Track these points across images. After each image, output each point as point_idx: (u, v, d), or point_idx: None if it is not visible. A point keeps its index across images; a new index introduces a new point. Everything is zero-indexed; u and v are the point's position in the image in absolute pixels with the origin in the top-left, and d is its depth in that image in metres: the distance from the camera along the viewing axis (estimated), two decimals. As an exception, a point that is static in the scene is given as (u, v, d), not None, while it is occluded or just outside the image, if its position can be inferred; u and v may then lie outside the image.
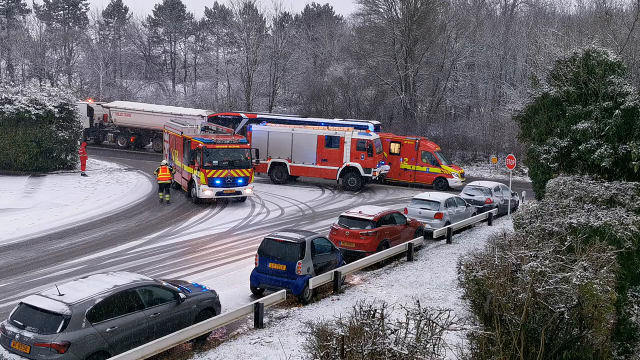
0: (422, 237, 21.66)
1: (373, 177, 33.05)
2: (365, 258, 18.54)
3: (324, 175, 33.67)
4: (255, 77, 56.05)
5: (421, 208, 23.61)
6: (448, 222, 23.40)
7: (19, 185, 30.36)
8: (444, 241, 22.67)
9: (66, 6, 73.30)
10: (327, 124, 35.58)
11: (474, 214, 25.87)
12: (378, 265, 19.13)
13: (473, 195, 27.54)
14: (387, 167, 34.24)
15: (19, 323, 10.91)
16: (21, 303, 11.35)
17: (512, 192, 29.13)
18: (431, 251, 21.47)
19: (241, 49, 61.14)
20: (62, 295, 11.19)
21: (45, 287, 12.88)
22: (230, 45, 70.74)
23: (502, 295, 9.22)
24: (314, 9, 78.93)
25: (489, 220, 26.19)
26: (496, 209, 27.26)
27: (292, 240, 16.06)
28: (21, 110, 32.74)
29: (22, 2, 68.93)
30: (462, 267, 10.18)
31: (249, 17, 58.67)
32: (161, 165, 28.61)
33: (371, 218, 19.71)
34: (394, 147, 35.73)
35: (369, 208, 21.34)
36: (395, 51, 49.26)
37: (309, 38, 68.44)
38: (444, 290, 16.95)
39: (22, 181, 31.54)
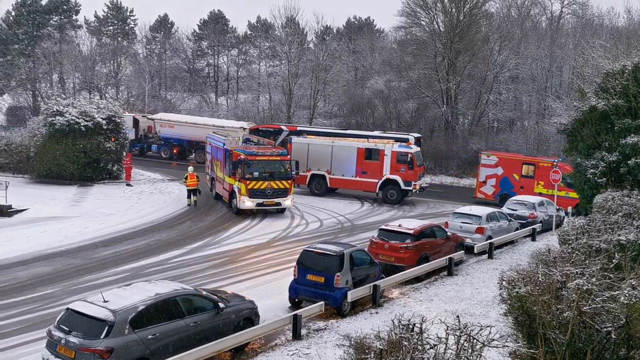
0: (462, 251, 21.32)
1: (413, 190, 32.78)
2: (405, 272, 18.36)
3: (363, 187, 33.58)
4: (296, 89, 56.53)
5: (462, 222, 23.26)
6: (490, 237, 22.97)
7: (67, 194, 31.32)
8: (485, 256, 22.25)
9: (116, 22, 75.62)
10: (367, 137, 35.53)
11: (517, 229, 25.33)
12: (417, 279, 18.92)
13: (516, 210, 26.99)
14: (428, 179, 33.88)
15: (65, 328, 11.21)
16: (67, 309, 11.66)
17: (557, 208, 28.42)
18: (472, 266, 21.10)
19: (283, 62, 61.83)
20: (107, 302, 11.45)
21: (91, 294, 13.21)
22: (272, 58, 71.61)
23: (546, 313, 8.99)
24: (356, 22, 79.24)
25: (533, 236, 25.60)
26: (540, 224, 26.62)
27: (330, 253, 16.04)
28: (71, 122, 33.84)
29: (74, 18, 71.42)
30: (504, 283, 9.98)
31: (291, 30, 59.33)
32: (189, 173, 29.74)
33: (411, 231, 19.53)
34: (527, 169, 33.03)
35: (408, 221, 21.16)
36: (436, 64, 48.96)
37: (350, 51, 68.69)
38: (485, 306, 16.62)
39: (71, 190, 32.52)
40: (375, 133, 38.06)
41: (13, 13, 65.78)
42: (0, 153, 37.97)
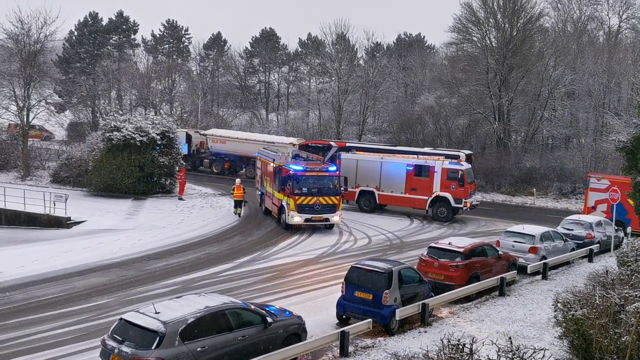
0: (515, 271, 20.76)
1: (464, 208, 32.24)
2: (455, 291, 18.01)
3: (412, 204, 33.26)
4: (346, 106, 56.77)
5: (514, 241, 22.70)
6: (544, 257, 22.30)
7: (122, 207, 32.28)
8: (539, 277, 21.61)
9: (171, 40, 78.06)
10: (416, 153, 35.26)
11: (573, 249, 24.51)
12: (468, 298, 18.52)
13: (572, 230, 26.12)
14: (479, 197, 33.28)
15: (118, 338, 11.49)
16: (121, 319, 11.96)
17: (616, 228, 27.36)
18: (525, 287, 20.51)
19: (333, 78, 62.25)
20: (158, 313, 11.69)
21: (143, 305, 13.52)
22: (322, 75, 72.24)
23: (603, 337, 8.65)
24: (406, 38, 79.17)
25: (590, 257, 24.70)
26: (598, 245, 25.67)
27: (379, 270, 15.92)
28: (127, 137, 34.97)
29: (132, 37, 74.11)
30: (559, 305, 9.67)
31: (341, 47, 59.76)
32: (236, 185, 31.08)
33: (461, 250, 19.18)
34: None
35: (459, 239, 20.80)
36: (488, 80, 48.29)
37: (400, 67, 68.58)
38: (539, 328, 16.10)
39: (126, 203, 33.51)
40: (425, 149, 37.72)
41: (76, 33, 68.77)
42: (61, 167, 39.65)
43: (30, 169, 41.23)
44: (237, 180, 31.78)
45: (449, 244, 19.75)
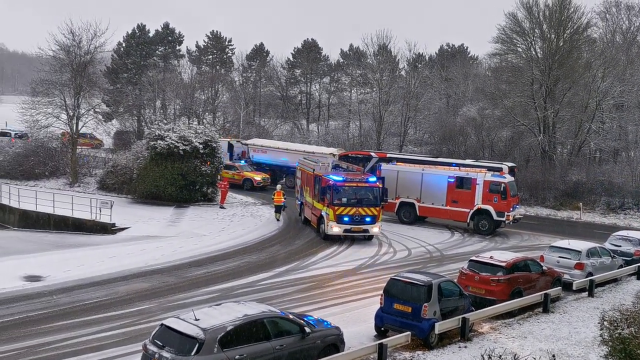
0: (559, 287, 20.20)
1: (506, 222, 31.61)
2: (496, 306, 17.64)
3: (453, 217, 32.80)
4: (387, 116, 56.56)
5: (559, 257, 22.10)
6: (590, 274, 21.63)
7: (165, 215, 32.88)
8: (585, 294, 20.96)
9: (215, 51, 79.44)
10: (458, 165, 34.80)
11: (621, 266, 23.69)
12: (510, 314, 18.10)
13: (620, 246, 25.27)
14: (522, 211, 32.58)
15: (159, 343, 11.67)
16: (162, 324, 12.15)
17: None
18: (570, 304, 19.93)
19: (374, 89, 62.20)
20: (198, 320, 11.82)
21: (183, 311, 13.70)
22: (364, 85, 72.26)
23: (653, 359, 8.32)
24: (448, 49, 78.55)
25: (639, 274, 23.84)
26: (647, 262, 24.75)
27: (418, 282, 15.74)
28: (171, 145, 35.66)
29: (177, 48, 75.77)
30: (605, 323, 9.36)
31: (383, 58, 59.68)
32: (276, 190, 32.38)
33: (503, 264, 18.79)
34: None
35: (501, 253, 20.38)
36: (533, 91, 47.37)
37: (442, 78, 68.01)
38: (584, 347, 15.59)
39: (169, 211, 34.12)
40: (467, 161, 37.19)
41: (124, 44, 70.75)
42: (108, 174, 40.69)
43: (78, 175, 42.44)
44: (278, 186, 32.70)
45: (491, 257, 19.38)
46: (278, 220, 32.27)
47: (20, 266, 21.59)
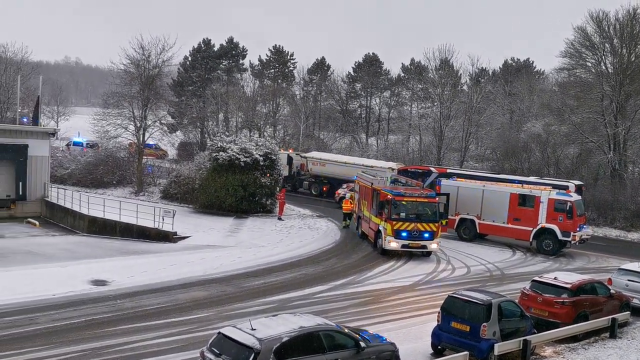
0: (628, 312, 19.24)
1: (572, 242, 30.43)
2: (560, 329, 16.96)
3: (515, 235, 31.88)
4: (448, 131, 55.78)
5: (629, 280, 21.04)
6: (662, 299, 20.49)
7: (225, 225, 33.51)
8: (656, 320, 19.87)
9: (277, 65, 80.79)
10: (521, 182, 33.86)
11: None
12: (574, 338, 17.36)
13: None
14: (590, 231, 31.29)
15: (216, 351, 11.85)
16: (219, 333, 12.34)
17: None
18: (639, 329, 18.93)
19: (435, 103, 61.51)
20: (254, 330, 11.94)
21: (240, 321, 13.87)
22: (424, 100, 71.62)
23: None
24: (513, 64, 76.86)
25: None
26: None
27: (478, 301, 15.34)
28: (232, 157, 36.40)
29: (241, 62, 77.52)
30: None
31: (445, 72, 59.02)
32: (345, 198, 33.17)
33: (568, 286, 18.07)
34: None
35: (566, 275, 19.62)
36: (603, 107, 45.62)
37: (506, 93, 66.53)
38: (655, 377, 14.77)
39: (228, 221, 34.75)
40: (531, 179, 36.10)
41: (190, 58, 73.04)
42: (171, 184, 41.93)
43: (143, 185, 43.92)
44: (347, 195, 32.80)
45: (555, 278, 18.69)
46: (346, 227, 33.68)
47: (88, 270, 22.46)
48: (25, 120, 54.32)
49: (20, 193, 36.03)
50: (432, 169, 41.13)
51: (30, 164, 36.44)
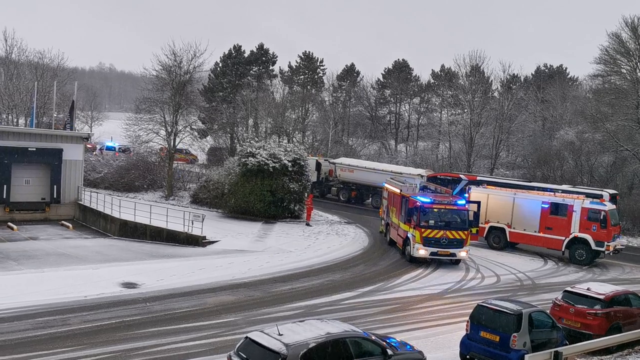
0: (664, 325, 18.68)
1: (606, 252, 29.76)
2: (593, 341, 16.56)
3: (547, 244, 31.32)
4: (478, 138, 55.21)
5: (665, 292, 20.45)
6: (701, 312, 19.84)
7: (253, 230, 33.69)
8: (694, 334, 19.24)
9: (306, 71, 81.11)
10: (553, 190, 33.29)
11: None
12: (607, 351, 16.92)
13: None
14: (624, 241, 30.55)
15: (243, 355, 11.89)
16: (246, 337, 12.39)
17: None
18: (677, 344, 18.37)
19: (465, 110, 61.00)
20: (282, 335, 11.95)
21: (268, 326, 13.90)
22: (454, 106, 71.05)
23: None
24: (546, 70, 75.74)
25: None
26: None
27: (508, 311, 15.09)
28: (261, 162, 36.61)
29: (270, 68, 78.10)
30: None
31: (475, 79, 58.48)
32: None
33: (601, 297, 17.66)
34: None
35: (599, 286, 19.17)
36: (638, 115, 44.60)
37: (538, 100, 65.59)
38: (693, 393, 14.31)
39: (257, 226, 34.94)
40: (564, 187, 35.46)
41: (220, 64, 73.84)
42: (200, 189, 42.36)
43: (174, 189, 44.45)
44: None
45: (588, 289, 18.29)
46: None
47: (118, 273, 22.82)
48: (66, 125, 55.62)
49: (55, 196, 36.81)
50: (461, 176, 40.74)
51: (65, 168, 37.22)
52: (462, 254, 27.30)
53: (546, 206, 31.12)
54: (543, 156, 51.69)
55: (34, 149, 35.93)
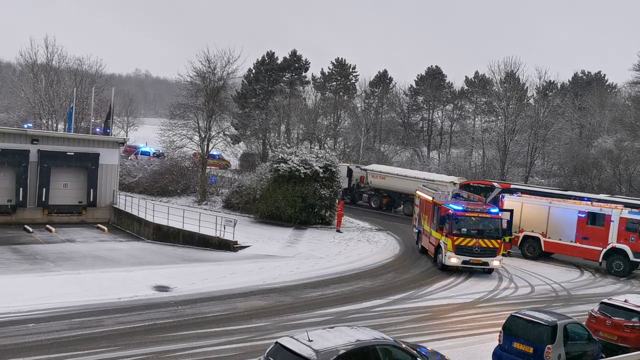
0: None
1: (645, 263, 28.95)
2: (630, 354, 16.05)
3: (583, 254, 30.63)
4: (512, 146, 54.38)
5: None
6: None
7: (284, 235, 33.82)
8: None
9: (339, 78, 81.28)
10: (590, 200, 32.55)
11: None
12: (646, 366, 16.44)
13: None
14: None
15: (273, 360, 11.92)
16: (276, 343, 12.39)
17: None
18: None
19: (499, 117, 60.18)
20: (311, 341, 11.92)
21: (298, 331, 13.90)
22: (488, 113, 70.21)
23: None
24: (584, 77, 74.28)
25: None
26: None
27: (542, 322, 14.78)
28: (293, 169, 36.78)
29: (303, 75, 78.48)
30: None
31: (510, 86, 57.68)
32: None
33: (639, 309, 17.17)
34: None
35: (637, 297, 18.60)
36: (680, 122, 43.40)
37: (576, 107, 64.33)
38: None
39: (288, 232, 35.05)
40: (601, 196, 34.66)
41: (254, 71, 74.55)
42: (233, 194, 42.75)
43: (206, 194, 44.96)
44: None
45: (625, 301, 17.79)
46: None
47: (151, 276, 23.15)
48: (97, 130, 56.83)
49: (91, 199, 37.62)
50: (495, 184, 40.19)
51: (101, 172, 38.02)
52: (495, 263, 26.89)
53: (583, 216, 30.46)
54: (580, 164, 50.64)
55: (72, 154, 36.82)
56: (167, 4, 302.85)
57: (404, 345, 13.05)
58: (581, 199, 32.98)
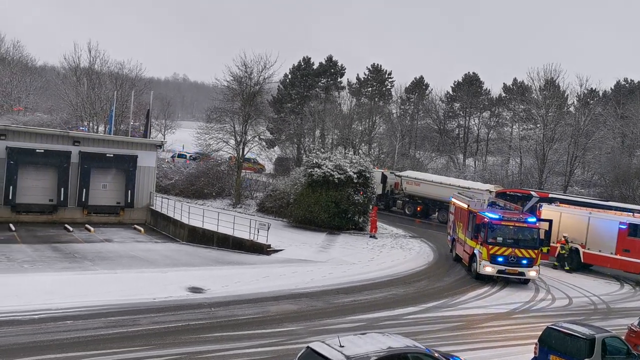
0: None
1: (689, 278, 27.97)
2: (673, 372, 15.55)
3: (624, 267, 29.77)
4: (551, 155, 53.34)
5: None
6: None
7: (317, 240, 33.84)
8: None
9: (374, 83, 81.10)
10: (632, 211, 31.63)
11: None
12: (689, 384, 15.84)
13: None
14: None
15: (305, 365, 11.90)
16: (308, 347, 12.38)
17: None
18: None
19: (538, 125, 59.13)
20: (342, 347, 11.87)
21: (329, 337, 13.87)
22: (526, 121, 69.03)
23: None
24: (626, 85, 72.43)
25: None
26: None
27: (579, 335, 14.42)
28: (327, 174, 36.80)
29: (339, 80, 78.55)
30: None
31: (550, 93, 56.67)
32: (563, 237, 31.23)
33: (683, 325, 16.60)
34: None
35: (681, 313, 18.03)
36: None
37: (618, 116, 62.74)
38: None
39: (321, 237, 35.07)
40: (643, 207, 33.67)
41: (289, 76, 74.98)
42: (267, 198, 43.02)
43: (241, 197, 45.35)
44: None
45: (668, 316, 17.23)
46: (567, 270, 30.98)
47: (186, 278, 23.45)
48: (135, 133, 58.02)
49: (129, 201, 38.34)
50: (532, 192, 39.44)
51: (139, 174, 38.72)
52: (531, 273, 26.35)
53: (624, 227, 29.63)
54: (622, 175, 49.29)
55: (112, 155, 37.62)
56: (200, 10, 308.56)
57: (436, 354, 12.89)
58: (622, 210, 32.08)
